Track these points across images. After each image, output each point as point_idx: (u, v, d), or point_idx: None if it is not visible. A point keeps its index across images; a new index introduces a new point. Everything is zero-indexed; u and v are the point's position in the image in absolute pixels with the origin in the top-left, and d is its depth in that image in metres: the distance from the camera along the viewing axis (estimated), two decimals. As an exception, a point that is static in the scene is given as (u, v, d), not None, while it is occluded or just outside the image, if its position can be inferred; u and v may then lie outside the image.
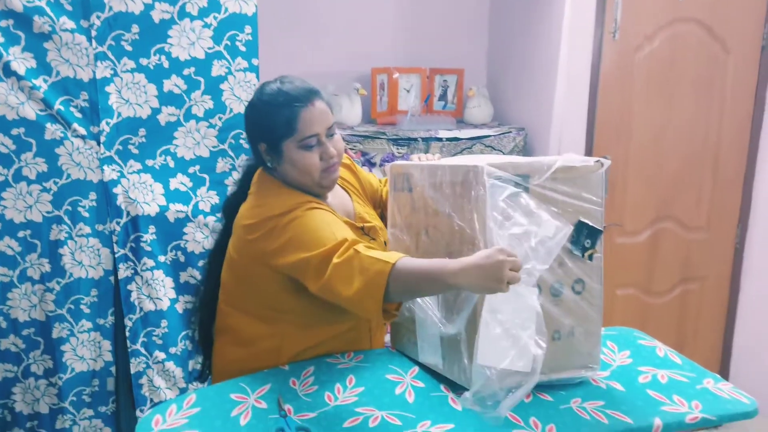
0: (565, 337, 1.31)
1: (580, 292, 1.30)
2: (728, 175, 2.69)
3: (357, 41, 2.71)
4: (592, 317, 1.33)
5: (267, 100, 1.38)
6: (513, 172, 1.21)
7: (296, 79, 1.41)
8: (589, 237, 1.27)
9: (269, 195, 1.42)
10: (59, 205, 1.94)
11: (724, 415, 1.26)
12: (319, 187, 1.42)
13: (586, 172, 1.27)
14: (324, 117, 1.38)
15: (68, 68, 1.87)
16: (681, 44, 2.50)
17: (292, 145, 1.37)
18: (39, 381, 2.03)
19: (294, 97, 1.36)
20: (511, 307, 1.13)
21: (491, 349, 1.12)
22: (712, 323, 2.83)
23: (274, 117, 1.37)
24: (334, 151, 1.40)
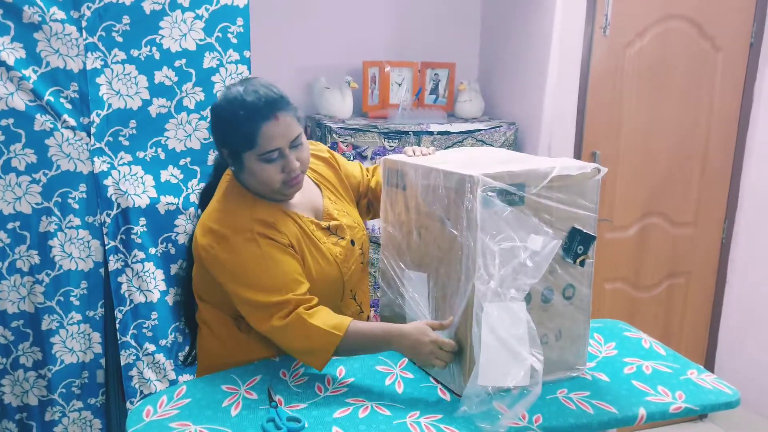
0: (553, 341, 1.32)
1: (570, 297, 1.31)
2: (715, 172, 2.72)
3: (349, 34, 2.71)
4: (580, 320, 1.34)
5: (228, 109, 1.32)
6: (509, 182, 1.19)
7: (261, 87, 1.33)
8: (582, 243, 1.27)
9: (230, 202, 1.40)
10: (49, 197, 1.93)
11: (707, 405, 1.29)
12: (280, 195, 1.40)
13: (582, 179, 1.26)
14: (288, 130, 1.32)
15: (58, 59, 1.87)
16: (671, 41, 2.52)
17: (253, 157, 1.33)
18: (28, 373, 2.03)
19: (256, 109, 1.29)
20: (506, 324, 1.14)
21: (492, 369, 1.13)
22: (698, 317, 2.87)
23: (235, 128, 1.31)
24: (296, 164, 1.35)
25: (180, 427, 1.19)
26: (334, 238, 1.47)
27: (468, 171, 1.19)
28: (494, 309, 1.14)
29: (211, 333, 1.50)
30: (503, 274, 1.15)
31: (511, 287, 1.15)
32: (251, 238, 1.33)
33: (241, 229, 1.33)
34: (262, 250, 1.32)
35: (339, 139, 2.39)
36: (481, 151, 1.61)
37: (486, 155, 1.49)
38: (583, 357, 1.37)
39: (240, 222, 1.35)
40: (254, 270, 1.32)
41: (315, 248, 1.42)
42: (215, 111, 1.37)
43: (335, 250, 1.45)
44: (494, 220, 1.16)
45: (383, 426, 1.19)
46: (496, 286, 1.15)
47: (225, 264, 1.34)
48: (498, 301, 1.15)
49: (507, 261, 1.15)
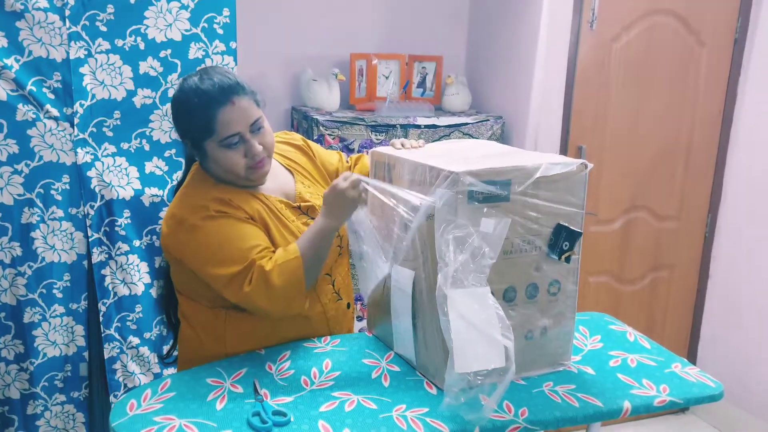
0: (538, 337, 1.32)
1: (555, 293, 1.32)
2: (699, 166, 2.75)
3: (336, 26, 2.70)
4: (565, 316, 1.34)
5: (184, 98, 1.33)
6: (494, 179, 1.19)
7: (216, 74, 1.34)
8: (567, 239, 1.27)
9: (190, 187, 1.42)
10: (31, 188, 1.90)
11: (691, 398, 1.30)
12: (246, 181, 1.40)
13: (568, 175, 1.25)
14: (245, 114, 1.33)
15: (41, 48, 1.83)
16: (657, 36, 2.53)
17: (214, 145, 1.34)
18: (10, 366, 2.00)
19: (211, 96, 1.30)
20: (473, 308, 1.14)
21: (466, 354, 1.12)
22: (681, 310, 2.90)
23: (192, 117, 1.32)
24: (259, 148, 1.35)
25: (164, 421, 1.18)
26: (304, 218, 1.47)
27: (451, 167, 1.19)
28: (458, 295, 1.14)
29: (190, 327, 1.49)
30: (462, 260, 1.15)
31: (471, 272, 1.14)
32: (207, 216, 1.34)
33: (198, 209, 1.35)
34: (219, 224, 1.34)
35: (326, 132, 2.38)
36: (470, 145, 1.60)
37: (475, 149, 1.49)
38: (568, 352, 1.38)
39: (196, 202, 1.36)
40: (214, 245, 1.32)
41: (282, 225, 1.43)
42: (173, 103, 1.38)
43: (302, 228, 1.45)
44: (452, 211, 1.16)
45: (369, 420, 1.19)
46: (455, 273, 1.14)
47: (188, 245, 1.35)
48: (460, 287, 1.14)
49: (463, 247, 1.15)
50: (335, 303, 1.54)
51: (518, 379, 1.32)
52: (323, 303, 1.50)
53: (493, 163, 1.23)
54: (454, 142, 1.78)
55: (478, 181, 1.17)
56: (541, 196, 1.24)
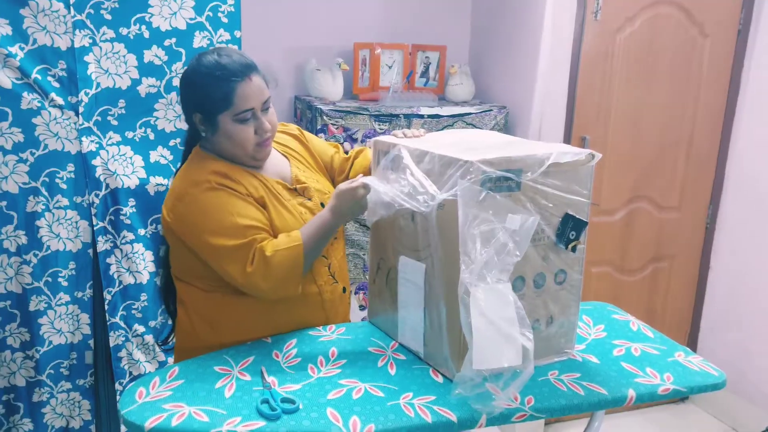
0: (545, 327, 1.34)
1: (562, 282, 1.33)
2: (701, 157, 2.75)
3: (340, 15, 2.69)
4: (571, 306, 1.36)
5: (204, 72, 1.38)
6: (506, 168, 1.19)
7: (234, 52, 1.41)
8: (574, 229, 1.28)
9: (189, 167, 1.46)
10: (36, 177, 1.90)
11: (695, 386, 1.31)
12: (252, 159, 1.46)
13: (576, 165, 1.26)
14: (260, 92, 1.40)
15: (45, 36, 1.83)
16: (661, 27, 2.53)
17: (228, 118, 1.39)
18: (15, 354, 2.01)
19: (232, 71, 1.36)
20: (495, 305, 1.14)
21: (485, 352, 1.13)
22: (681, 300, 2.92)
23: (211, 90, 1.37)
24: (268, 126, 1.42)
25: (174, 409, 1.19)
26: (300, 199, 1.51)
27: (465, 156, 1.19)
28: (481, 292, 1.14)
29: (186, 314, 1.51)
30: (486, 256, 1.16)
31: (495, 269, 1.15)
32: (209, 188, 1.38)
33: (198, 182, 1.39)
34: (218, 195, 1.38)
35: (329, 122, 2.38)
36: (473, 134, 1.60)
37: (479, 139, 1.49)
38: (572, 340, 1.39)
39: (196, 177, 1.40)
40: (215, 214, 1.36)
41: (279, 203, 1.46)
42: (188, 77, 1.42)
43: (301, 209, 1.49)
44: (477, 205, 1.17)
45: (377, 407, 1.20)
46: (479, 269, 1.15)
47: (188, 217, 1.38)
48: (483, 284, 1.15)
49: (488, 243, 1.16)
50: (331, 285, 1.55)
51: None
52: (319, 285, 1.52)
53: (503, 152, 1.23)
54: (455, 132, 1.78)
55: (492, 169, 1.17)
56: (551, 184, 1.24)
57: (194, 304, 1.49)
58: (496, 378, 1.16)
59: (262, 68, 1.44)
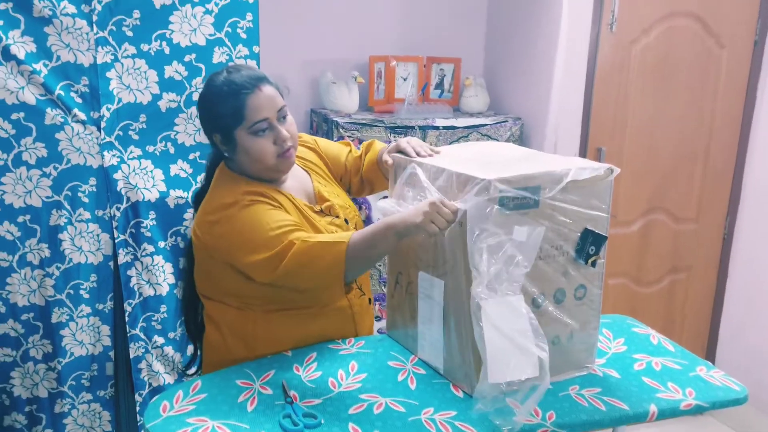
0: (565, 342, 1.34)
1: (582, 297, 1.33)
2: (718, 168, 2.74)
3: (355, 29, 2.71)
4: (591, 320, 1.36)
5: (215, 91, 1.38)
6: (524, 185, 1.19)
7: (243, 67, 1.42)
8: (594, 244, 1.28)
9: (219, 189, 1.44)
10: (59, 191, 1.94)
11: (717, 401, 1.31)
12: (275, 172, 1.43)
13: (595, 180, 1.26)
14: (272, 101, 1.38)
15: (69, 53, 1.86)
16: (677, 38, 2.53)
17: (244, 133, 1.38)
18: (38, 365, 2.04)
19: (240, 84, 1.36)
20: (507, 317, 1.15)
21: (500, 365, 1.13)
22: (699, 312, 2.90)
23: (222, 107, 1.37)
24: (287, 134, 1.40)
25: (198, 423, 1.21)
26: (329, 218, 1.50)
27: (482, 174, 1.20)
28: (491, 305, 1.15)
29: (217, 330, 1.51)
30: (495, 268, 1.16)
31: (505, 281, 1.15)
32: (243, 206, 1.36)
33: (232, 204, 1.37)
34: (254, 210, 1.36)
35: (345, 134, 2.40)
36: (490, 147, 1.60)
37: (496, 152, 1.49)
38: (593, 355, 1.39)
39: (228, 199, 1.38)
40: (250, 230, 1.34)
41: (309, 224, 1.45)
42: (202, 99, 1.43)
43: (331, 229, 1.48)
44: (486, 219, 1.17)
45: (398, 423, 1.21)
46: (488, 282, 1.15)
47: (226, 239, 1.36)
48: (494, 296, 1.15)
49: (496, 255, 1.16)
50: (359, 298, 1.56)
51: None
52: (349, 298, 1.52)
53: (521, 168, 1.24)
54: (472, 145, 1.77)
55: (510, 187, 1.18)
56: (569, 200, 1.24)
57: (226, 321, 1.49)
58: (514, 392, 1.17)
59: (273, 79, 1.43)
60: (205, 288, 1.52)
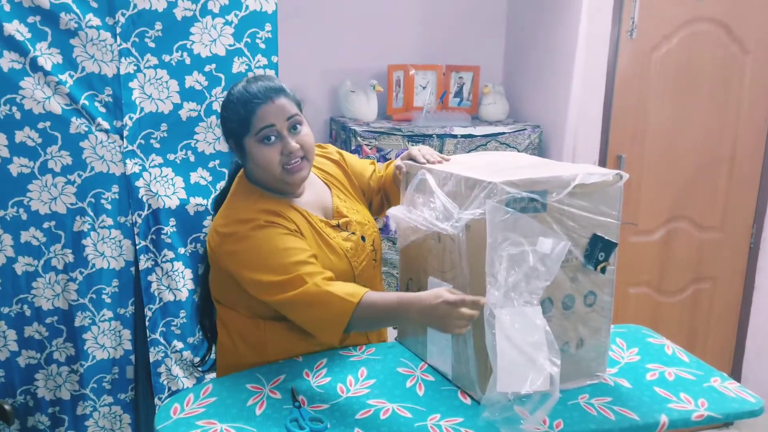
0: (575, 349, 1.33)
1: (592, 304, 1.32)
2: (744, 176, 2.69)
3: (374, 38, 2.74)
4: (601, 328, 1.34)
5: (231, 100, 1.40)
6: (531, 189, 1.19)
7: (262, 78, 1.41)
8: (603, 250, 1.27)
9: (237, 199, 1.45)
10: (83, 197, 1.99)
11: (730, 413, 1.28)
12: (284, 184, 1.42)
13: (604, 186, 1.25)
14: (282, 110, 1.37)
15: (93, 64, 1.92)
16: (699, 44, 2.49)
17: (252, 141, 1.38)
18: (61, 368, 2.09)
19: (253, 94, 1.36)
20: (521, 329, 1.14)
21: (510, 375, 1.12)
22: (724, 323, 2.83)
23: (234, 114, 1.38)
24: (295, 146, 1.37)
25: (206, 425, 1.23)
26: (344, 234, 1.49)
27: (489, 177, 1.20)
28: (506, 315, 1.14)
29: (228, 336, 1.53)
30: (515, 278, 1.15)
31: (524, 292, 1.14)
32: (258, 226, 1.36)
33: (247, 221, 1.37)
34: (269, 233, 1.35)
35: (363, 142, 2.42)
36: (501, 156, 1.61)
37: (507, 160, 1.49)
38: (604, 363, 1.38)
39: (244, 215, 1.38)
40: (262, 253, 1.34)
41: (324, 243, 1.44)
42: (221, 107, 1.45)
43: (346, 245, 1.48)
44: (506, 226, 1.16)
45: (404, 429, 1.21)
46: (507, 291, 1.14)
47: (235, 255, 1.37)
48: (510, 306, 1.14)
49: (518, 265, 1.15)
50: None
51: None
52: None
53: (528, 173, 1.24)
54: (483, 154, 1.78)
55: (517, 190, 1.17)
56: (577, 206, 1.24)
57: (237, 327, 1.51)
58: (523, 401, 1.16)
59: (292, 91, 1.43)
60: (217, 293, 1.55)
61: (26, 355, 2.06)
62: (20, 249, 1.98)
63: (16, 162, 1.92)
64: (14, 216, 1.96)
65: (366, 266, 1.52)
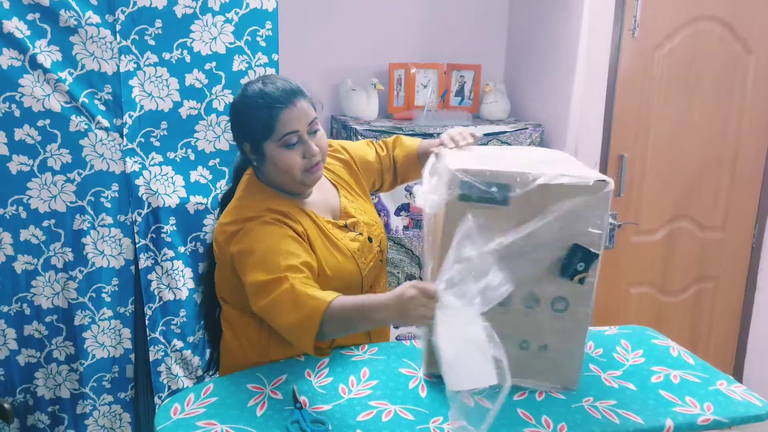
0: (536, 350, 1.29)
1: (561, 310, 1.26)
2: (746, 176, 2.67)
3: (375, 36, 2.72)
4: (572, 338, 1.28)
5: (248, 101, 1.38)
6: (489, 180, 1.16)
7: (278, 80, 1.40)
8: (583, 260, 1.20)
9: (246, 199, 1.43)
10: (83, 196, 1.98)
11: (736, 417, 1.27)
12: (301, 186, 1.42)
13: (584, 190, 1.18)
14: (304, 114, 1.37)
15: (93, 62, 1.91)
16: (702, 43, 2.48)
17: (273, 145, 1.37)
18: (61, 366, 2.08)
19: (274, 98, 1.35)
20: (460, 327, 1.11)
21: (457, 373, 1.11)
22: (726, 323, 2.82)
23: (254, 118, 1.36)
24: (316, 149, 1.38)
25: (206, 426, 1.22)
26: (351, 234, 1.49)
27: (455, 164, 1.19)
28: (446, 314, 1.12)
29: (233, 335, 1.52)
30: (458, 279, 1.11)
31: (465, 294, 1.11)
32: (263, 222, 1.35)
33: (253, 218, 1.37)
34: (273, 230, 1.35)
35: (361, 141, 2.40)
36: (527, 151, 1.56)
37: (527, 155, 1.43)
38: (575, 376, 1.32)
39: (251, 213, 1.38)
40: (261, 248, 1.32)
41: (331, 244, 1.44)
42: (235, 107, 1.42)
43: (353, 246, 1.47)
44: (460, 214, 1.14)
45: (407, 430, 1.20)
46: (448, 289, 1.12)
47: (240, 254, 1.35)
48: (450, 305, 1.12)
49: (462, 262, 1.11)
50: None
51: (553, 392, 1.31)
52: None
53: (503, 166, 1.20)
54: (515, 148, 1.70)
55: (472, 179, 1.15)
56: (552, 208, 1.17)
57: (241, 326, 1.49)
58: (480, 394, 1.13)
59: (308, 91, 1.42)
60: (223, 292, 1.53)
61: (26, 353, 2.05)
62: (20, 247, 1.97)
63: (16, 160, 1.91)
64: (14, 214, 1.94)
65: (373, 267, 1.52)
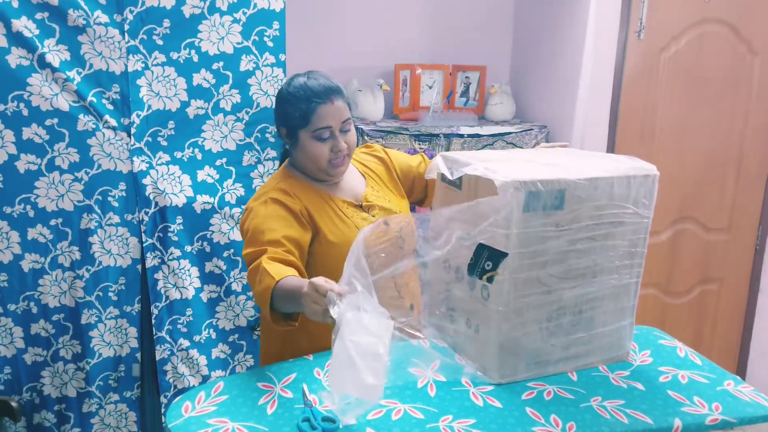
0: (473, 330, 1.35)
1: (485, 298, 1.30)
2: (751, 177, 2.68)
3: (381, 37, 2.73)
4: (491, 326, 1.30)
5: (292, 92, 1.51)
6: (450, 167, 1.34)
7: (322, 76, 1.52)
8: (489, 260, 1.25)
9: (267, 181, 1.57)
10: (90, 195, 1.99)
11: (744, 417, 1.27)
12: (325, 175, 1.54)
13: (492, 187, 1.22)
14: (339, 112, 1.49)
15: (101, 61, 1.92)
16: (707, 45, 2.49)
17: (307, 135, 1.49)
18: (67, 365, 2.09)
19: (315, 93, 1.48)
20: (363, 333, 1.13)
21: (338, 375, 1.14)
22: (730, 324, 2.83)
23: (294, 108, 1.49)
24: (344, 145, 1.50)
25: (218, 424, 1.22)
26: (363, 214, 1.57)
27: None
28: (353, 316, 1.15)
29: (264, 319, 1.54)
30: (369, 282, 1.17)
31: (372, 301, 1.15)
32: (264, 201, 1.47)
33: (259, 196, 1.50)
34: (268, 209, 1.46)
35: (370, 141, 2.41)
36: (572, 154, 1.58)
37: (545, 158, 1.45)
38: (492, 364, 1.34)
39: (262, 190, 1.52)
40: (256, 225, 1.44)
41: (335, 215, 1.53)
42: (280, 94, 1.55)
43: (359, 222, 1.54)
44: None
45: (416, 429, 1.20)
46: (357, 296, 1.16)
47: (241, 231, 1.49)
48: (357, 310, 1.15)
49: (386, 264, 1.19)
50: (397, 301, 1.54)
51: (565, 393, 1.32)
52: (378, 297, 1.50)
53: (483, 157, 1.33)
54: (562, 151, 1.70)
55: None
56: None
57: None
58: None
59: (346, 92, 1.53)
60: None
61: (33, 352, 2.05)
62: (27, 246, 1.97)
63: (24, 159, 1.91)
64: (21, 213, 1.95)
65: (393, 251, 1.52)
